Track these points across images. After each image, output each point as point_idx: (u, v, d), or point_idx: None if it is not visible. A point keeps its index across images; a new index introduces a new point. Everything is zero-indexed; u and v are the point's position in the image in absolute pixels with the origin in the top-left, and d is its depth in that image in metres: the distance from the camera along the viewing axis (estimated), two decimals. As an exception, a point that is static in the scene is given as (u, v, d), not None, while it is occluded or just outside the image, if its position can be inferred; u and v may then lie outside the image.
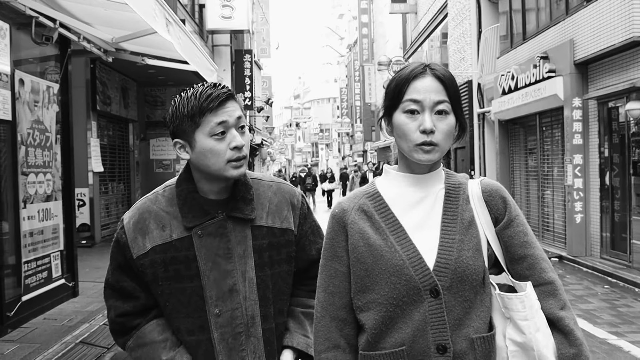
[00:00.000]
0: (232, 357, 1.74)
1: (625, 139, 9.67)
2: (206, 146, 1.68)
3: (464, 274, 1.51)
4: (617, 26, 9.18)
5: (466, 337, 1.51)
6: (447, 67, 20.70)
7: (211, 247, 1.73)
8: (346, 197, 1.69)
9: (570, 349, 1.48)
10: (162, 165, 14.73)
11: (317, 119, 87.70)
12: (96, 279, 7.92)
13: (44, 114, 5.98)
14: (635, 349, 5.57)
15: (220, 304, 1.73)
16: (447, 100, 1.55)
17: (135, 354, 1.78)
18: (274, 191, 1.87)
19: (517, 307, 1.50)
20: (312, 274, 1.92)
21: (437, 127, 1.53)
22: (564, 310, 1.52)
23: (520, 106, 12.71)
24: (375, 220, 1.59)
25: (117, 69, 12.07)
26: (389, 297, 1.52)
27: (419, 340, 1.50)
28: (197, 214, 1.74)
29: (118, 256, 1.79)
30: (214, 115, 1.67)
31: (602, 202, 10.43)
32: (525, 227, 1.59)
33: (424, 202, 1.60)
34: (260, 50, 28.63)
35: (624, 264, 9.55)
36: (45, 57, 6.28)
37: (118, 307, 1.79)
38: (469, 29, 17.08)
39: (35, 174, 5.78)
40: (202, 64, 6.70)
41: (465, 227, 1.56)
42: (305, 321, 1.88)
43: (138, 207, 1.81)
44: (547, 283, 1.54)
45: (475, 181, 1.63)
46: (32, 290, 5.68)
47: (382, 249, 1.54)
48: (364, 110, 49.86)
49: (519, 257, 1.56)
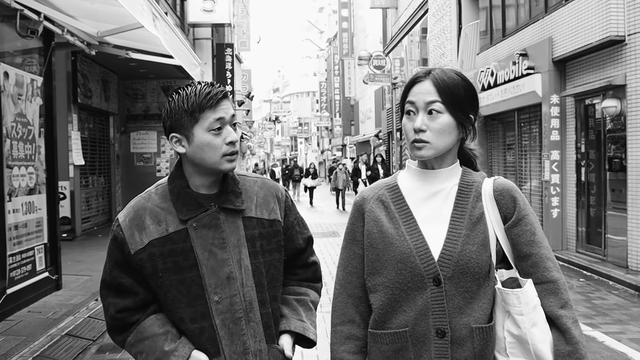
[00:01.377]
0: (234, 341, 1.81)
1: (601, 136, 9.87)
2: (204, 140, 1.77)
3: (466, 267, 1.62)
4: (594, 25, 9.37)
5: (466, 325, 1.62)
6: (426, 62, 20.88)
7: (206, 237, 1.81)
8: (369, 187, 1.85)
9: (566, 347, 1.57)
10: (142, 158, 14.67)
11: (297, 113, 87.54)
12: (78, 272, 7.93)
13: (27, 107, 5.96)
14: (609, 340, 5.73)
15: (219, 291, 1.80)
16: (439, 100, 1.66)
17: (136, 349, 1.81)
18: (259, 186, 1.98)
19: (514, 302, 1.59)
20: (299, 262, 2.07)
21: (429, 126, 1.66)
22: (563, 309, 1.60)
23: (499, 102, 12.88)
24: (391, 210, 1.74)
25: (99, 61, 12.01)
26: (395, 282, 1.67)
27: (420, 324, 1.64)
28: (190, 208, 1.82)
29: (115, 253, 1.83)
30: (212, 112, 1.77)
31: (578, 197, 10.65)
32: (533, 226, 1.67)
33: (436, 196, 1.73)
34: (240, 43, 28.52)
35: (598, 257, 9.77)
36: (29, 49, 6.25)
37: (117, 304, 1.82)
38: (449, 25, 17.23)
39: (18, 167, 5.77)
40: (186, 58, 6.72)
41: (473, 223, 1.67)
42: (299, 307, 1.99)
43: (132, 206, 1.87)
44: (549, 282, 1.63)
45: (490, 180, 1.74)
46: (17, 283, 5.68)
47: (393, 237, 1.68)
48: (343, 105, 49.93)
49: (525, 255, 1.66)
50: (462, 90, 1.69)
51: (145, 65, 11.27)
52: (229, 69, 17.32)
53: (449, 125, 1.68)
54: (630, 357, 5.25)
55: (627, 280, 8.12)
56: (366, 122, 39.25)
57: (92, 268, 8.14)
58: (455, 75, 1.71)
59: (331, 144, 59.35)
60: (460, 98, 1.68)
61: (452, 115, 1.67)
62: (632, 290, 7.83)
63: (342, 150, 50.63)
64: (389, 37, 28.30)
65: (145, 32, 5.31)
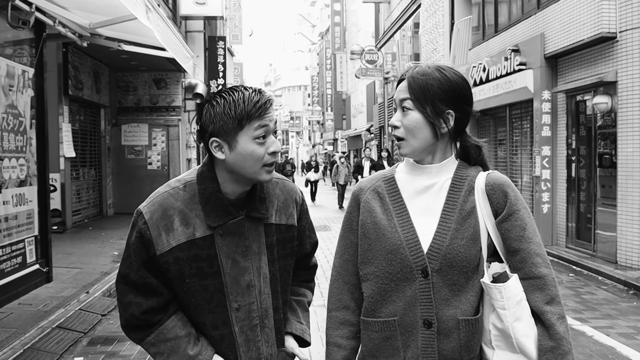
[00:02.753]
0: (250, 347, 1.83)
1: (591, 132, 9.92)
2: (248, 149, 1.73)
3: (454, 260, 1.64)
4: (586, 22, 9.41)
5: (453, 317, 1.65)
6: (418, 57, 20.87)
7: (231, 245, 1.80)
8: (367, 178, 1.88)
9: (549, 342, 1.58)
10: (133, 151, 14.60)
11: (288, 107, 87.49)
12: (69, 264, 7.90)
13: (18, 98, 5.92)
14: (598, 334, 5.78)
15: (240, 299, 1.80)
16: (409, 97, 1.70)
17: (156, 349, 1.80)
18: (280, 188, 1.96)
19: (497, 297, 1.61)
20: (303, 265, 2.09)
21: (402, 122, 1.72)
22: (549, 304, 1.61)
23: (491, 98, 12.92)
24: (386, 202, 1.77)
25: (90, 53, 11.94)
26: (386, 272, 1.70)
27: (408, 314, 1.67)
28: (220, 214, 1.78)
29: (142, 252, 1.78)
30: (258, 120, 1.73)
31: (568, 193, 10.71)
32: (524, 222, 1.67)
33: (430, 190, 1.74)
34: (232, 36, 28.42)
35: (588, 253, 9.84)
36: (20, 41, 6.21)
37: (141, 304, 1.78)
38: (442, 20, 17.24)
39: (9, 158, 5.74)
40: (179, 51, 6.71)
41: (464, 217, 1.68)
42: (297, 308, 2.03)
43: (160, 203, 1.80)
44: (536, 277, 1.63)
45: (484, 174, 1.74)
46: (7, 275, 5.65)
47: (385, 229, 1.72)
48: (335, 99, 49.89)
49: (513, 250, 1.66)
50: (436, 86, 1.68)
51: (137, 57, 11.21)
52: (221, 62, 17.28)
53: (418, 122, 1.69)
54: (619, 351, 5.30)
55: (616, 275, 8.18)
56: (358, 117, 39.27)
57: (83, 261, 8.11)
58: (434, 71, 1.71)
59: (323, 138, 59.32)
60: (431, 94, 1.68)
61: (421, 112, 1.69)
62: (620, 286, 7.89)
63: (334, 144, 50.63)
64: (381, 32, 28.29)
65: (138, 24, 5.29)
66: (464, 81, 1.73)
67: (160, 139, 14.58)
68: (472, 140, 1.79)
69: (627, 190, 8.71)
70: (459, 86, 1.71)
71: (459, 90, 1.71)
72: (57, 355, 4.87)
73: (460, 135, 1.78)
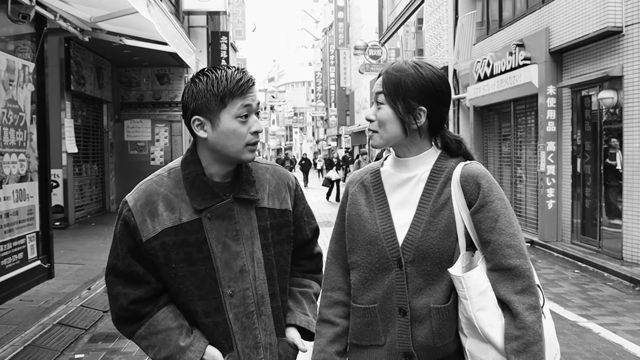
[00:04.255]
0: (246, 335, 1.79)
1: (597, 127, 9.85)
2: (230, 127, 1.72)
3: (426, 252, 1.68)
4: (591, 16, 9.32)
5: (425, 305, 1.70)
6: (421, 52, 20.79)
7: (220, 229, 1.76)
8: (358, 170, 1.94)
9: (514, 331, 1.58)
10: (136, 146, 14.58)
11: (292, 103, 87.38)
12: (71, 260, 7.87)
13: (18, 93, 5.88)
14: (604, 331, 5.72)
15: (233, 284, 1.77)
16: (381, 92, 1.74)
17: (147, 342, 1.76)
18: (271, 173, 1.93)
19: (458, 286, 1.64)
20: (305, 253, 2.06)
21: (376, 115, 1.76)
22: (519, 294, 1.60)
23: (495, 93, 12.83)
24: (370, 195, 1.83)
25: (92, 48, 11.90)
26: (366, 261, 1.77)
27: (387, 302, 1.74)
28: (206, 197, 1.76)
29: (128, 240, 1.76)
30: (241, 99, 1.72)
31: (573, 188, 10.64)
32: (496, 213, 1.65)
33: (408, 182, 1.78)
34: (235, 32, 28.37)
35: (593, 249, 9.76)
36: (21, 35, 6.16)
37: (129, 294, 1.75)
38: (446, 15, 17.15)
39: (9, 154, 5.70)
40: (181, 46, 6.65)
41: (437, 210, 1.71)
42: (303, 300, 1.99)
43: (143, 190, 1.79)
44: (506, 269, 1.62)
45: (461, 165, 1.74)
46: (8, 271, 5.62)
47: (367, 220, 1.78)
48: (338, 95, 49.81)
49: (484, 242, 1.67)
50: (409, 82, 1.71)
51: (139, 52, 11.18)
52: (224, 58, 17.22)
53: (389, 116, 1.73)
54: (626, 348, 5.24)
55: (622, 272, 8.12)
56: (362, 112, 39.18)
57: (85, 257, 8.08)
58: (410, 67, 1.73)
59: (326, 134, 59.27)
60: (403, 90, 1.71)
61: (391, 107, 1.73)
62: (627, 282, 7.83)
63: (337, 140, 50.59)
64: (384, 27, 28.18)
65: (139, 17, 5.24)
66: (440, 79, 1.75)
67: (163, 134, 14.55)
68: (450, 136, 1.80)
69: (633, 185, 8.63)
70: (433, 84, 1.72)
71: (433, 88, 1.72)
72: (57, 353, 4.83)
73: (438, 131, 1.79)
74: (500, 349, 1.60)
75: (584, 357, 5.00)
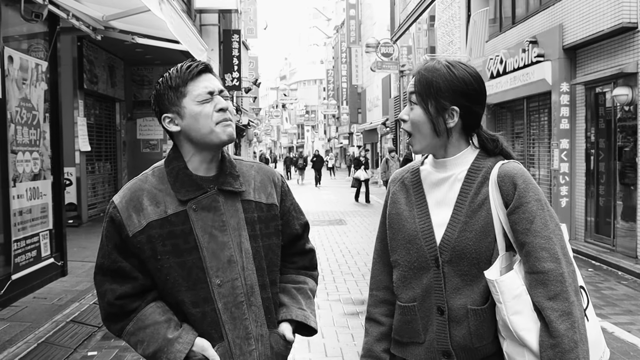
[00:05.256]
0: (237, 326, 1.79)
1: (611, 124, 9.76)
2: (195, 110, 1.77)
3: (462, 252, 1.68)
4: (606, 12, 9.23)
5: (463, 306, 1.70)
6: (433, 50, 20.70)
7: (206, 220, 1.78)
8: (400, 169, 1.97)
9: (549, 339, 1.56)
10: (149, 145, 14.64)
11: (303, 101, 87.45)
12: (84, 258, 7.91)
13: (31, 91, 5.92)
14: (618, 330, 5.67)
15: (221, 274, 1.77)
16: (414, 92, 1.75)
17: (136, 338, 1.76)
18: (256, 170, 1.96)
19: (492, 290, 1.63)
20: (296, 249, 2.05)
21: (409, 116, 1.77)
22: (551, 300, 1.57)
23: (508, 90, 12.76)
24: (410, 194, 1.85)
25: (104, 47, 11.94)
26: (405, 260, 1.80)
27: (426, 300, 1.76)
28: (190, 189, 1.79)
29: (114, 236, 1.78)
30: (197, 82, 1.79)
31: (587, 186, 10.55)
32: (532, 214, 1.63)
33: (446, 182, 1.78)
34: (247, 30, 28.38)
35: (607, 247, 9.68)
36: (34, 34, 6.20)
37: (115, 290, 1.76)
38: (458, 12, 17.07)
39: (22, 152, 5.74)
40: (193, 44, 6.66)
41: (474, 210, 1.69)
42: (298, 296, 1.98)
43: (128, 187, 1.83)
44: (539, 272, 1.60)
45: (499, 164, 1.72)
46: (22, 269, 5.67)
47: (406, 219, 1.81)
48: (350, 92, 49.77)
49: (520, 244, 1.64)
50: (441, 83, 1.70)
51: (151, 51, 11.20)
52: (236, 56, 17.24)
53: (421, 116, 1.74)
54: (640, 348, 5.20)
55: (637, 270, 8.04)
56: (373, 110, 39.12)
57: (98, 254, 8.12)
58: (443, 67, 1.73)
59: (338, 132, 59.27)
60: (434, 91, 1.71)
61: (422, 108, 1.73)
62: (641, 281, 7.76)
63: (349, 138, 50.53)
64: (396, 25, 28.05)
65: (151, 16, 5.25)
66: (474, 78, 1.73)
67: (176, 133, 14.59)
68: (486, 134, 1.79)
69: (648, 183, 8.54)
70: (466, 84, 1.71)
71: (466, 88, 1.71)
72: (71, 350, 4.86)
73: (473, 130, 1.79)
74: (536, 352, 1.58)
75: (598, 357, 4.95)
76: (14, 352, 4.53)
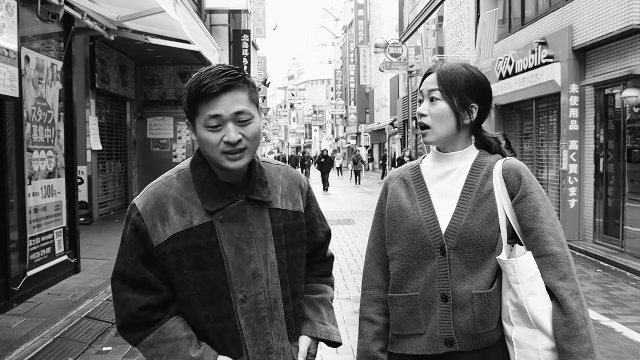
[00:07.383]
0: (258, 341, 1.72)
1: (620, 126, 9.77)
2: (201, 135, 1.65)
3: (469, 239, 1.76)
4: (616, 13, 9.24)
5: (467, 292, 1.77)
6: (442, 50, 20.71)
7: (233, 232, 1.69)
8: (397, 169, 2.05)
9: (563, 317, 1.66)
10: (159, 144, 14.73)
11: (311, 101, 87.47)
12: (96, 255, 8.00)
13: (47, 91, 6.00)
14: (627, 330, 5.70)
15: (245, 289, 1.70)
16: (438, 88, 1.84)
17: (154, 351, 1.68)
18: (283, 174, 1.86)
19: (509, 271, 1.71)
20: (319, 257, 1.99)
21: (429, 111, 1.86)
22: (562, 280, 1.69)
23: (517, 91, 12.77)
24: (410, 188, 1.93)
25: (116, 47, 12.04)
26: (409, 250, 1.85)
27: (429, 289, 1.81)
28: (217, 198, 1.69)
29: (138, 246, 1.68)
30: (207, 107, 1.62)
31: (596, 187, 10.56)
32: (537, 203, 1.76)
33: (450, 175, 1.88)
34: (256, 30, 28.44)
35: (616, 248, 9.69)
36: (49, 34, 6.28)
37: (138, 300, 1.67)
38: (467, 12, 17.08)
39: (38, 150, 5.82)
40: (206, 44, 6.73)
41: (480, 200, 1.80)
42: (321, 308, 1.93)
43: (153, 192, 1.72)
44: (548, 255, 1.71)
45: (501, 160, 1.86)
46: (37, 265, 5.74)
47: (408, 211, 1.87)
48: (358, 92, 49.79)
49: (527, 230, 1.76)
50: (463, 80, 1.84)
51: (162, 51, 11.28)
52: (245, 56, 17.33)
53: (445, 111, 1.83)
54: (649, 348, 5.22)
55: (645, 271, 8.05)
56: (381, 111, 39.14)
57: (110, 252, 8.21)
58: (460, 67, 1.87)
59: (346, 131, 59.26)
60: (458, 87, 1.83)
61: (448, 103, 1.83)
62: (650, 282, 7.77)
63: (357, 138, 50.53)
64: (405, 25, 28.07)
65: (165, 16, 5.32)
66: (485, 78, 1.90)
67: (185, 132, 14.68)
68: (488, 135, 1.93)
69: (657, 185, 8.55)
70: (482, 82, 1.88)
71: (483, 85, 1.88)
72: (86, 345, 4.93)
73: (479, 128, 1.93)
74: (549, 333, 1.68)
75: (606, 356, 4.99)
76: (30, 346, 4.61)
